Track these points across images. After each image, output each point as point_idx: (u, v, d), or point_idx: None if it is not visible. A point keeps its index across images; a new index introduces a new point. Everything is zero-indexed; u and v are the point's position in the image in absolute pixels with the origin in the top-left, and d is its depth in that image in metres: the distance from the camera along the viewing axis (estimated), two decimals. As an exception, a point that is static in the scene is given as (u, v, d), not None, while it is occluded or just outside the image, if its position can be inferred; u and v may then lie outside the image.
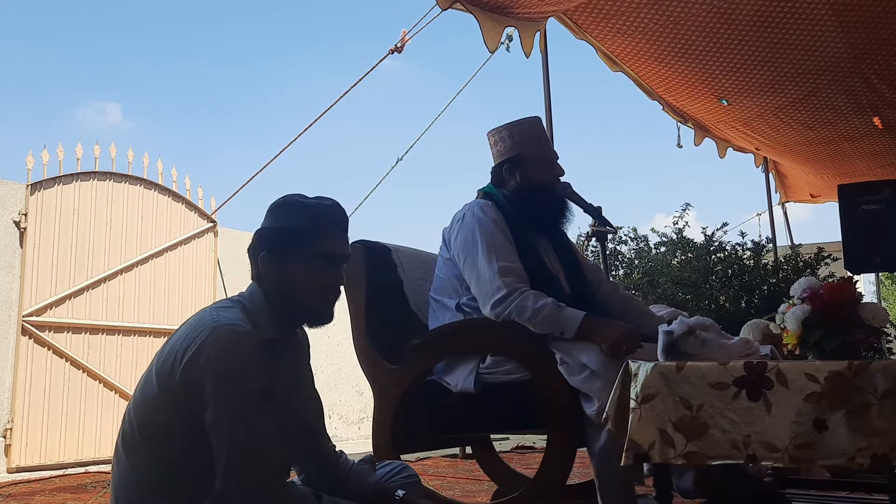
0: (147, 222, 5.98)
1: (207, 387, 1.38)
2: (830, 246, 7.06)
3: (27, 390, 5.06)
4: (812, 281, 1.68)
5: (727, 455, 1.48)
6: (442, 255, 2.39)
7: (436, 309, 2.36)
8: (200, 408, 1.39)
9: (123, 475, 1.47)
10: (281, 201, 1.58)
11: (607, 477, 1.97)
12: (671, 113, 6.71)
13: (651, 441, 1.53)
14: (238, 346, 1.40)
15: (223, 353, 1.39)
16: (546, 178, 2.41)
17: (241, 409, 1.39)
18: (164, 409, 1.43)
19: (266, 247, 1.54)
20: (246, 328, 1.44)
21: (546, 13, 4.96)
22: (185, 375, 1.40)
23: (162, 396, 1.43)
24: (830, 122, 6.46)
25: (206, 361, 1.39)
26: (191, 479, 1.43)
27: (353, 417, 7.58)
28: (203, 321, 1.45)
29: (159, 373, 1.45)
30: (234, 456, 1.37)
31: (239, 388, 1.39)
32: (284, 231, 1.54)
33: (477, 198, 2.45)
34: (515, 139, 2.41)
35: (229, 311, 1.48)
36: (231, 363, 1.39)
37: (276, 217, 1.57)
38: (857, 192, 4.94)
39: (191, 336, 1.43)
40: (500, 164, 2.44)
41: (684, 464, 1.54)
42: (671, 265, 6.87)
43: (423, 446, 2.70)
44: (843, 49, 5.27)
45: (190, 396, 1.40)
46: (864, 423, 1.39)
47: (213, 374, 1.38)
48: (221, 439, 1.38)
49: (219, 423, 1.38)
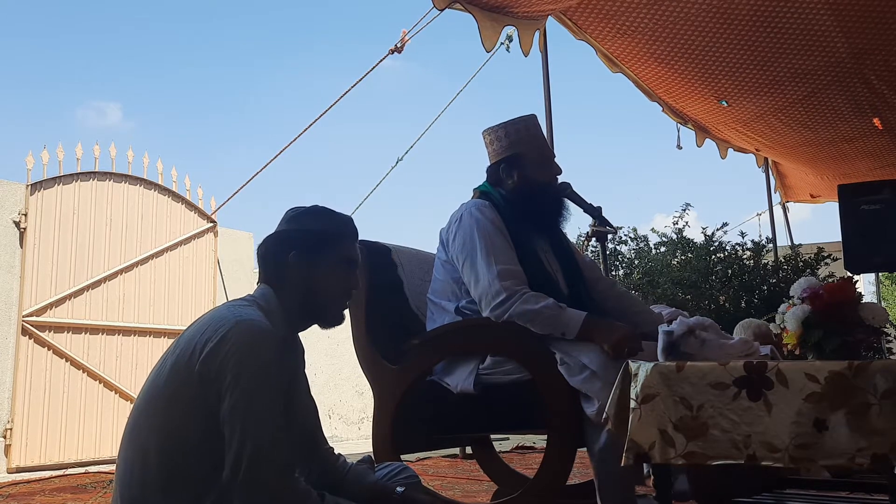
0: (147, 222, 5.98)
1: (227, 377, 1.40)
2: (830, 246, 7.06)
3: (27, 390, 5.06)
4: (812, 281, 1.68)
5: (728, 455, 1.48)
6: (439, 257, 2.38)
7: (434, 311, 2.35)
8: (217, 399, 1.40)
9: (129, 471, 1.46)
10: (309, 208, 1.66)
11: (607, 477, 1.97)
12: (671, 114, 6.71)
13: (651, 441, 1.53)
14: (261, 341, 1.43)
15: (246, 346, 1.41)
16: (545, 178, 2.39)
17: (258, 401, 1.40)
18: (178, 402, 1.44)
19: (296, 247, 1.60)
20: (268, 325, 1.47)
21: (544, 11, 4.95)
22: (204, 366, 1.41)
23: (177, 389, 1.44)
24: (830, 122, 6.46)
25: (228, 353, 1.41)
26: (197, 474, 1.43)
27: (353, 417, 7.58)
28: (224, 316, 1.47)
29: (175, 365, 1.46)
30: (246, 448, 1.38)
31: (258, 382, 1.41)
32: (316, 234, 1.61)
33: (473, 197, 2.43)
34: (512, 138, 2.39)
35: (249, 309, 1.51)
36: (253, 356, 1.41)
37: (305, 221, 1.63)
38: (857, 192, 4.94)
39: (211, 329, 1.45)
40: (496, 163, 2.42)
41: (684, 464, 1.54)
42: (671, 265, 6.87)
43: (423, 446, 2.69)
44: (842, 50, 5.27)
45: (208, 388, 1.41)
46: (864, 423, 1.39)
47: (235, 366, 1.40)
48: (234, 429, 1.39)
49: (234, 414, 1.39)
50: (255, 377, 1.41)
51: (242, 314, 1.47)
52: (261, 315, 1.50)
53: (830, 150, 7.17)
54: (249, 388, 1.40)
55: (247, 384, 1.40)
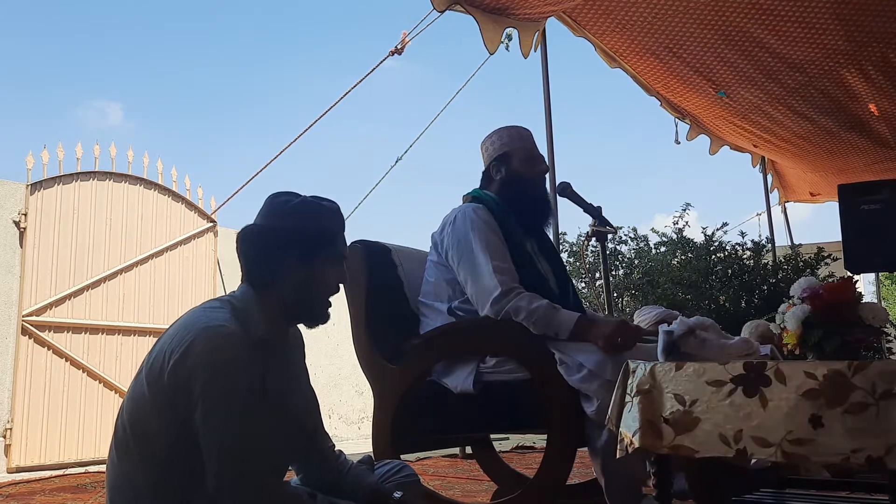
0: (147, 222, 5.98)
1: (195, 388, 1.38)
2: (830, 246, 7.06)
3: (27, 390, 5.06)
4: (812, 281, 1.68)
5: (715, 449, 1.46)
6: (431, 258, 2.40)
7: (427, 313, 2.36)
8: (189, 409, 1.39)
9: (116, 476, 1.47)
10: (297, 204, 1.57)
11: (614, 476, 1.98)
12: (669, 109, 6.70)
13: (636, 429, 1.54)
14: (225, 347, 1.39)
15: (210, 354, 1.38)
16: (529, 173, 2.44)
17: (228, 410, 1.38)
18: (154, 411, 1.43)
19: (292, 249, 1.53)
20: (234, 329, 1.43)
21: (546, 13, 4.96)
22: (172, 377, 1.40)
23: (151, 398, 1.43)
24: (828, 112, 6.46)
25: (192, 363, 1.38)
26: (182, 479, 1.43)
27: (353, 417, 7.58)
28: (190, 323, 1.45)
29: (149, 374, 1.45)
30: (223, 456, 1.37)
31: (226, 389, 1.38)
32: (312, 235, 1.54)
33: (464, 202, 2.47)
34: (504, 140, 2.47)
35: (218, 312, 1.47)
36: (217, 364, 1.38)
37: (297, 221, 1.55)
38: (857, 191, 4.94)
39: (178, 338, 1.43)
40: (489, 164, 2.49)
41: (669, 454, 1.53)
42: (671, 265, 6.88)
43: (423, 446, 2.70)
44: (839, 40, 5.28)
45: (178, 398, 1.40)
46: (860, 424, 1.38)
47: (201, 376, 1.38)
48: (210, 440, 1.38)
49: (207, 425, 1.38)
50: (222, 385, 1.38)
51: (210, 320, 1.43)
52: (229, 318, 1.45)
53: (828, 142, 7.15)
54: (217, 396, 1.37)
55: (214, 393, 1.37)
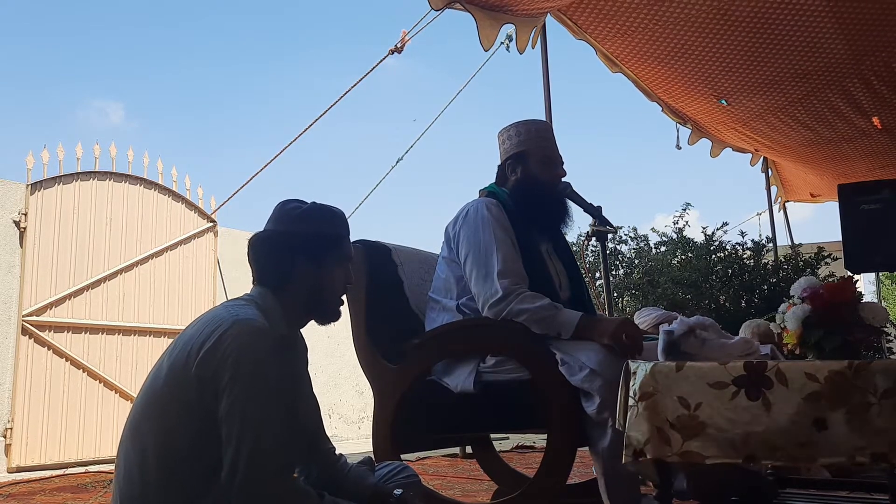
0: (147, 222, 5.98)
1: (224, 378, 1.39)
2: (830, 246, 7.07)
3: (27, 390, 5.06)
4: (812, 280, 1.68)
5: (725, 455, 1.47)
6: (443, 254, 2.38)
7: (434, 309, 2.35)
8: (214, 399, 1.40)
9: (128, 471, 1.46)
10: (306, 210, 1.64)
11: (613, 475, 1.97)
12: (670, 114, 6.70)
13: (646, 438, 1.53)
14: (258, 340, 1.43)
15: (243, 346, 1.41)
16: (546, 177, 2.39)
17: (255, 401, 1.39)
18: (175, 403, 1.43)
19: (302, 252, 1.60)
20: (265, 324, 1.47)
21: (543, 9, 4.95)
22: (201, 368, 1.41)
23: (174, 390, 1.44)
24: (830, 122, 6.46)
25: (224, 353, 1.40)
26: (195, 475, 1.43)
27: (353, 417, 7.58)
28: (220, 316, 1.47)
29: (173, 366, 1.45)
30: (244, 447, 1.37)
31: (256, 381, 1.40)
32: (320, 238, 1.62)
33: (479, 196, 2.44)
34: (521, 136, 2.42)
35: (247, 308, 1.51)
36: (250, 356, 1.41)
37: (306, 226, 1.62)
38: (857, 191, 4.95)
39: (208, 329, 1.44)
40: (504, 160, 2.44)
41: (680, 462, 1.54)
42: (671, 265, 6.89)
43: (423, 446, 2.69)
44: (842, 50, 5.28)
45: (204, 388, 1.40)
46: (863, 423, 1.39)
47: (231, 366, 1.39)
48: (232, 430, 1.38)
49: (231, 414, 1.38)
50: (253, 376, 1.40)
51: (240, 314, 1.47)
52: (258, 314, 1.49)
53: (830, 149, 7.17)
54: (247, 387, 1.39)
55: (244, 383, 1.39)
